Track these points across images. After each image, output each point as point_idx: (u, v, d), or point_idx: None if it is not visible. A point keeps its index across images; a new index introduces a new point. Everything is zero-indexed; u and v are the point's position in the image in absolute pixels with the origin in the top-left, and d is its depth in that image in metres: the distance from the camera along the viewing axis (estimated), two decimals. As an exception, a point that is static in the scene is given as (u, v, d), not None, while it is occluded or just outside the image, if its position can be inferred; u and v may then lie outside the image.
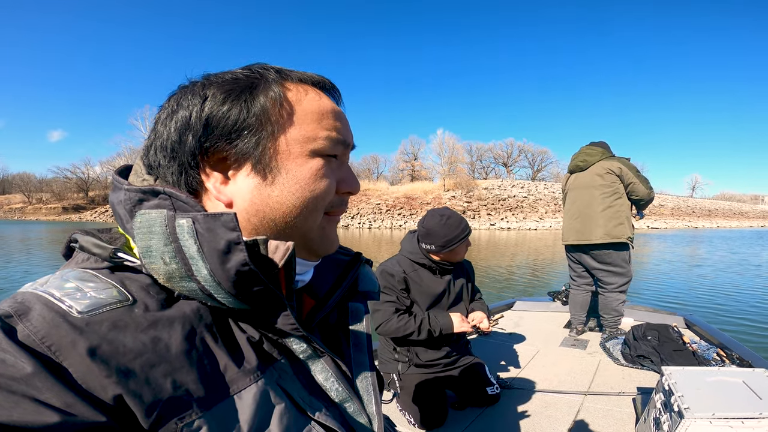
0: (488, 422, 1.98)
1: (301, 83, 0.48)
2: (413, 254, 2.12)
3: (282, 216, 0.45)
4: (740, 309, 6.03)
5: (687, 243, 18.42)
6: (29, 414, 0.29)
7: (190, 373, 0.36)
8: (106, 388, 0.32)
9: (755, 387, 1.55)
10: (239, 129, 0.43)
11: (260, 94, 0.44)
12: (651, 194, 3.05)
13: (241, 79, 0.44)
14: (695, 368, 1.74)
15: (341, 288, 0.57)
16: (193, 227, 0.37)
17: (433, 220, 2.03)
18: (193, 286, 0.38)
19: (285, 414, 0.41)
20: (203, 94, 0.43)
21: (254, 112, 0.43)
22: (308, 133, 0.45)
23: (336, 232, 0.52)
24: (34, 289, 0.36)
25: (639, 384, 2.35)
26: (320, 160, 0.46)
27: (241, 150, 0.43)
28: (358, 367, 0.56)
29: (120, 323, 0.34)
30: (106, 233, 0.45)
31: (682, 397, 1.51)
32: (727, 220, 58.40)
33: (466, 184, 51.18)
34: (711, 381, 1.62)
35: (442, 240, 2.00)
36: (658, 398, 1.68)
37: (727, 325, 5.10)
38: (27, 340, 0.32)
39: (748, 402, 1.48)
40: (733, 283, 8.22)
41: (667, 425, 1.53)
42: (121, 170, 0.48)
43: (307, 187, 0.45)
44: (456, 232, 2.01)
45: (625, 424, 1.94)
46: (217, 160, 0.44)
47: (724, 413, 1.42)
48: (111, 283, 0.38)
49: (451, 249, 2.02)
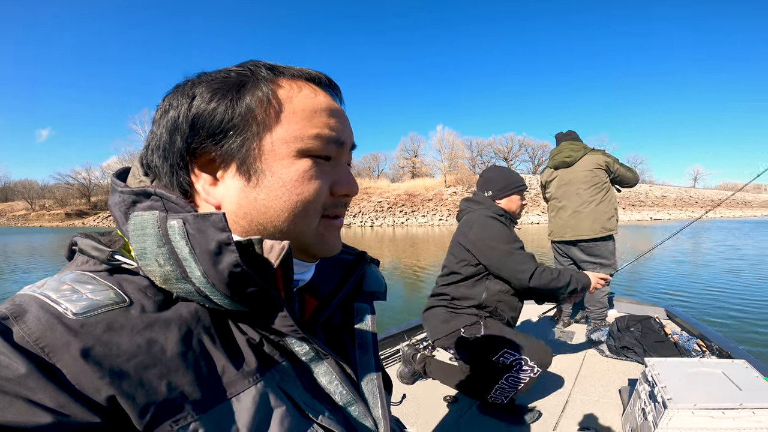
0: (477, 415, 2.02)
1: (296, 80, 0.45)
2: (490, 208, 2.06)
3: (270, 220, 0.43)
4: (720, 300, 6.08)
5: (689, 235, 18.34)
6: (22, 414, 0.29)
7: (186, 376, 0.36)
8: (99, 389, 0.32)
9: (734, 378, 1.59)
10: (224, 129, 0.42)
11: (247, 93, 0.42)
12: (637, 177, 3.24)
13: (232, 77, 0.43)
14: (677, 359, 1.78)
15: (345, 288, 0.56)
16: (184, 228, 0.36)
17: (492, 169, 2.14)
18: (189, 288, 0.37)
19: (286, 417, 0.40)
20: (191, 94, 0.42)
21: (239, 111, 0.42)
22: (296, 132, 0.43)
23: (337, 235, 0.50)
24: (32, 292, 0.36)
25: (624, 375, 2.40)
26: (308, 161, 0.44)
27: (227, 151, 0.42)
28: (364, 369, 0.54)
29: (115, 325, 0.35)
30: (106, 236, 0.44)
31: (665, 388, 1.55)
32: (730, 210, 58.09)
33: (467, 179, 51.10)
34: (692, 372, 1.66)
35: (500, 183, 2.04)
36: (642, 389, 1.72)
37: (707, 316, 5.16)
38: (22, 342, 0.32)
39: (728, 393, 1.51)
40: (713, 275, 8.23)
41: (652, 415, 1.57)
42: (119, 173, 0.48)
43: (293, 190, 0.43)
44: (514, 179, 2.08)
45: (611, 413, 1.99)
46: (205, 162, 0.43)
47: (706, 404, 1.46)
48: (108, 285, 0.38)
49: (509, 195, 2.05)
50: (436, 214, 44.97)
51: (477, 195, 2.16)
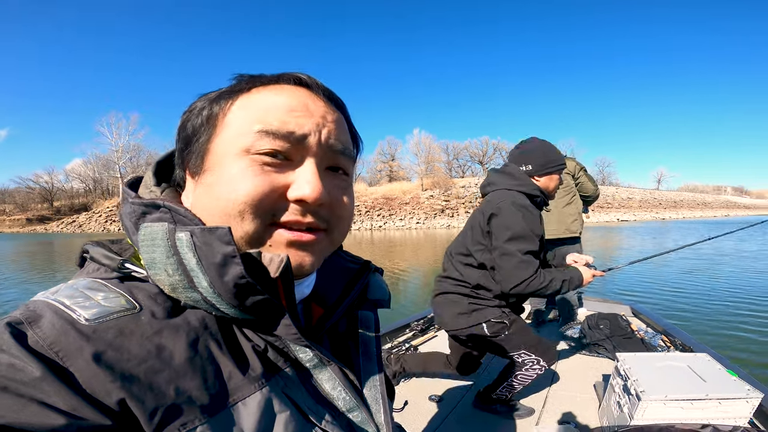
0: (461, 414, 2.07)
1: (266, 84, 0.45)
2: (525, 185, 1.81)
3: (214, 222, 0.41)
4: (681, 298, 6.42)
5: (653, 234, 19.17)
6: (36, 416, 0.30)
7: (193, 380, 0.36)
8: (110, 392, 0.33)
9: (699, 371, 1.70)
10: (191, 136, 0.45)
11: (218, 102, 0.44)
12: (597, 191, 3.44)
13: (222, 90, 0.45)
14: (645, 354, 1.88)
15: (349, 297, 0.56)
16: (191, 241, 0.37)
17: (533, 142, 1.87)
18: (196, 297, 0.38)
19: (290, 422, 0.41)
20: (192, 105, 0.46)
21: (202, 119, 0.44)
22: (241, 129, 0.42)
23: (302, 254, 0.44)
24: (46, 298, 0.37)
25: (597, 370, 2.51)
26: (248, 158, 0.41)
27: (190, 157, 0.45)
28: (367, 375, 0.54)
29: (126, 330, 0.35)
30: (117, 244, 0.45)
31: (637, 381, 1.64)
32: (691, 211, 61.09)
33: (443, 183, 51.78)
34: (660, 366, 1.76)
35: (542, 159, 1.81)
36: (616, 383, 1.81)
37: (669, 313, 5.45)
38: (36, 346, 0.33)
39: (695, 384, 1.61)
40: (673, 274, 8.67)
41: (627, 407, 1.66)
42: (131, 182, 0.49)
43: (226, 189, 0.41)
44: (556, 156, 1.84)
45: (589, 407, 2.08)
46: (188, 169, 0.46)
47: (676, 395, 1.55)
48: (119, 292, 0.39)
49: (549, 173, 1.83)
50: (413, 217, 45.25)
51: (511, 167, 1.87)
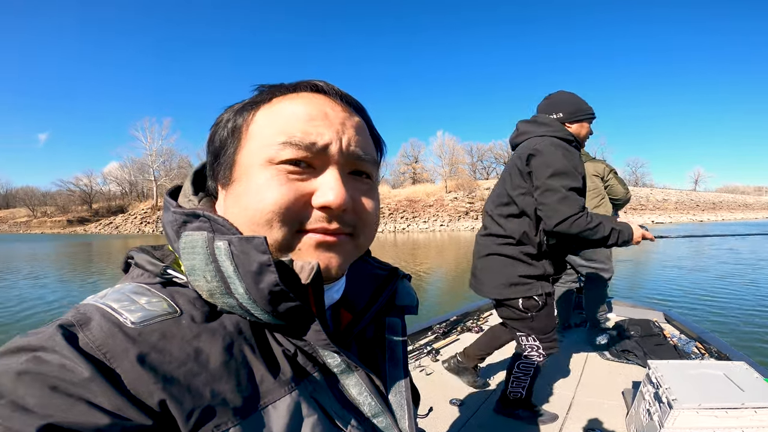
0: (482, 419, 2.06)
1: (285, 93, 0.46)
2: (559, 131, 1.77)
3: (243, 231, 0.43)
4: (717, 304, 6.13)
5: (689, 239, 18.25)
6: (83, 415, 0.31)
7: (228, 383, 0.38)
8: (152, 393, 0.34)
9: (736, 379, 1.63)
10: (219, 149, 0.46)
11: (242, 114, 0.46)
12: (627, 195, 3.41)
13: (245, 102, 0.47)
14: (678, 362, 1.82)
15: (378, 303, 0.57)
16: (229, 249, 0.39)
17: (562, 93, 1.89)
18: (232, 302, 0.40)
19: (317, 426, 0.42)
20: (219, 118, 0.48)
21: (228, 131, 0.46)
22: (265, 140, 0.43)
23: (328, 255, 0.45)
24: (95, 301, 0.39)
25: (626, 377, 2.44)
26: (274, 168, 0.43)
27: (219, 169, 0.46)
28: (393, 381, 0.55)
29: (168, 333, 0.37)
30: (159, 250, 0.48)
31: (669, 389, 1.59)
32: (731, 213, 58.02)
33: (467, 185, 51.25)
34: (694, 373, 1.70)
35: (573, 107, 1.82)
36: (646, 390, 1.76)
37: (704, 320, 5.22)
38: (86, 348, 0.34)
39: (731, 393, 1.55)
40: (709, 279, 8.26)
41: (657, 416, 1.61)
42: (172, 191, 0.51)
43: (254, 199, 0.42)
44: (587, 105, 1.85)
45: (615, 415, 2.02)
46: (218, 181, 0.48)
47: (709, 404, 1.50)
48: (162, 297, 0.41)
49: (581, 120, 1.83)
50: (437, 219, 44.98)
51: (542, 117, 1.86)
